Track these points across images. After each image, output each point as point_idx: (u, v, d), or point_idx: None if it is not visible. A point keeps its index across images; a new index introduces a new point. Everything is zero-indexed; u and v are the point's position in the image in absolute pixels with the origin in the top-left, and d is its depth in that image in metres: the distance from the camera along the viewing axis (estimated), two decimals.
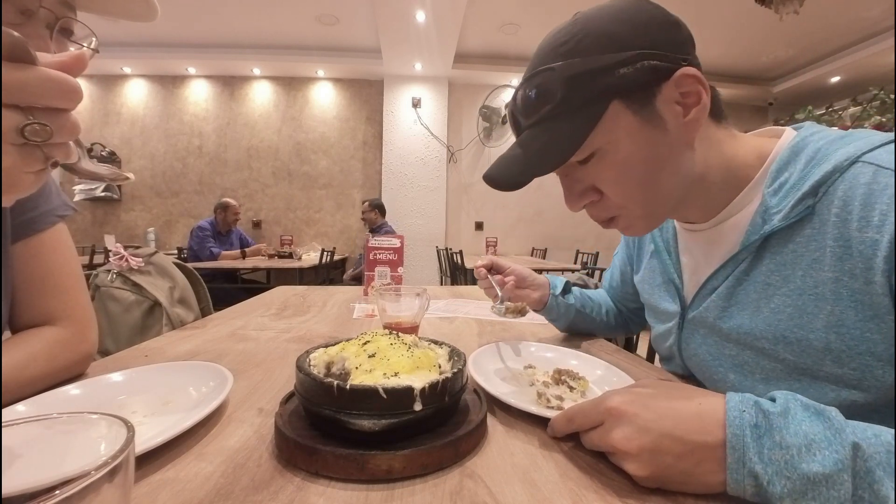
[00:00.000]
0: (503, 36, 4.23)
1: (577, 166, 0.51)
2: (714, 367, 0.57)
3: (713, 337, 0.56)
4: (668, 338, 0.65)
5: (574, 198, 0.54)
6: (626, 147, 0.48)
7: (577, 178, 0.52)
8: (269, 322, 0.97)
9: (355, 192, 5.08)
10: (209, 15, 3.91)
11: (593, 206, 0.54)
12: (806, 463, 0.30)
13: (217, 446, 0.41)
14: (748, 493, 0.32)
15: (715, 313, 0.55)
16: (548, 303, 0.81)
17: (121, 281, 1.11)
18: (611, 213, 0.53)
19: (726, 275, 0.54)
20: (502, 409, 0.50)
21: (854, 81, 4.51)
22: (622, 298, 0.88)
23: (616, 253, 0.89)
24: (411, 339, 0.48)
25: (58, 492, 0.16)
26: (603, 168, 0.49)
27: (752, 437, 0.32)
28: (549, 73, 0.47)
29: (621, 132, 0.47)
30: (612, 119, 0.47)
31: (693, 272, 0.61)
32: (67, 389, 0.49)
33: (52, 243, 0.61)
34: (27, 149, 0.28)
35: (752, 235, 0.50)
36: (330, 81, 5.03)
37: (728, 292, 0.53)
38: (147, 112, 4.91)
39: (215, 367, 0.55)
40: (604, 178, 0.50)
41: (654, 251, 0.70)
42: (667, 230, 0.67)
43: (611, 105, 0.46)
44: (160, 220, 4.95)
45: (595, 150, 0.48)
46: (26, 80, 0.26)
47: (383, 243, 1.23)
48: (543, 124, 0.49)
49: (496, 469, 0.38)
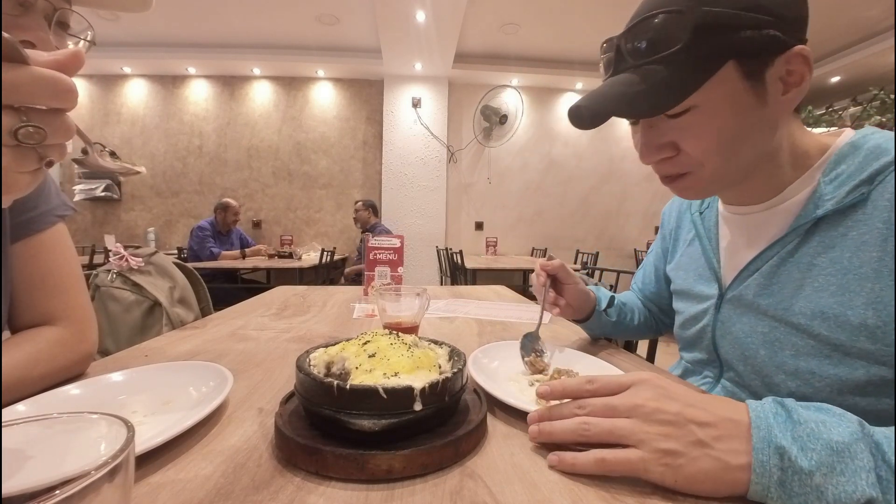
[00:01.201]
0: (503, 36, 4.23)
1: (665, 119, 0.51)
2: (746, 343, 0.58)
3: (749, 315, 0.57)
4: (702, 319, 0.65)
5: (651, 150, 0.53)
6: (725, 110, 0.48)
7: (661, 130, 0.52)
8: (269, 322, 0.97)
9: (355, 191, 5.07)
10: (209, 15, 3.91)
11: (667, 161, 0.54)
12: (827, 433, 0.31)
13: (217, 446, 0.41)
14: (774, 477, 0.31)
15: (754, 290, 0.56)
16: (591, 315, 0.79)
17: (121, 281, 1.11)
18: (682, 170, 0.53)
19: (771, 255, 0.55)
20: (502, 409, 0.50)
21: (854, 81, 4.50)
22: (655, 297, 0.88)
23: (650, 251, 0.90)
24: (411, 339, 0.48)
25: (58, 492, 0.16)
26: (693, 125, 0.49)
27: (774, 419, 0.33)
28: (678, 16, 0.46)
29: (725, 94, 0.47)
30: (722, 78, 0.46)
31: (732, 255, 0.62)
32: (67, 389, 0.49)
33: (52, 243, 0.61)
34: (21, 150, 0.28)
35: (802, 219, 0.52)
36: (330, 81, 5.03)
37: (771, 271, 0.55)
38: (147, 112, 4.91)
39: (215, 367, 0.55)
40: (689, 136, 0.50)
41: (692, 239, 0.71)
42: (709, 218, 0.68)
43: (727, 64, 0.46)
44: (160, 219, 4.95)
45: (692, 107, 0.48)
46: (18, 80, 0.26)
47: (383, 243, 1.23)
48: (655, 66, 0.47)
49: (496, 469, 0.38)
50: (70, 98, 0.28)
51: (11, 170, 0.28)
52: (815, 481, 0.30)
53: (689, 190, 0.55)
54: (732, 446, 0.33)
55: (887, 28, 3.73)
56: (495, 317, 1.06)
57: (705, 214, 0.69)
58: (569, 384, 0.43)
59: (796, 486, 0.30)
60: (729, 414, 0.35)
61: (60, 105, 0.28)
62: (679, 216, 0.79)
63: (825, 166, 0.52)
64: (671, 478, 0.34)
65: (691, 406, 0.36)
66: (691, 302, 0.69)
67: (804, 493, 0.30)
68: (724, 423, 0.34)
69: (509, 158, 5.09)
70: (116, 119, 4.87)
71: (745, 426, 0.34)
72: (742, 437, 0.33)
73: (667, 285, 0.81)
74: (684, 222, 0.77)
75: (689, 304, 0.70)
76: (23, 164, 0.28)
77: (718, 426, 0.34)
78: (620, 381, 0.40)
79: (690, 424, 0.35)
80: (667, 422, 0.35)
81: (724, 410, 0.36)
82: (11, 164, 0.28)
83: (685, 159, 0.52)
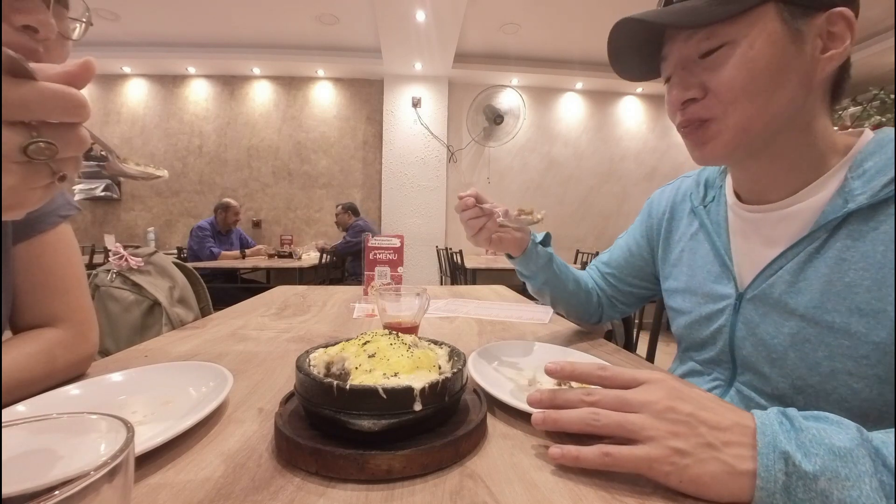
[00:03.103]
0: (503, 36, 4.22)
1: (698, 62, 0.52)
2: (772, 346, 0.56)
3: (774, 315, 0.56)
4: (717, 319, 0.63)
5: (680, 90, 0.54)
6: (760, 48, 0.48)
7: (693, 72, 0.53)
8: (269, 322, 0.97)
9: (355, 191, 5.08)
10: (209, 15, 3.91)
11: (694, 103, 0.54)
12: (829, 438, 0.31)
13: (217, 446, 0.41)
14: (779, 482, 0.31)
15: (781, 289, 0.55)
16: (527, 248, 0.79)
17: (120, 281, 1.11)
18: (708, 114, 0.53)
19: (796, 253, 0.54)
20: (502, 409, 0.50)
21: (854, 81, 4.46)
22: (617, 280, 0.86)
23: (625, 234, 0.88)
24: (411, 339, 0.48)
25: (58, 492, 0.16)
26: (725, 61, 0.50)
27: (779, 426, 0.33)
28: None
29: (763, 32, 0.48)
30: (761, 16, 0.48)
31: (747, 254, 0.61)
32: (67, 390, 0.49)
33: (55, 244, 0.61)
34: (33, 166, 0.27)
35: (830, 214, 0.51)
36: (330, 81, 5.03)
37: (797, 268, 0.54)
38: (147, 111, 4.91)
39: (215, 367, 0.55)
40: (720, 74, 0.50)
41: (696, 232, 0.69)
42: (717, 212, 0.66)
43: (767, 3, 0.48)
44: (160, 219, 4.95)
45: (726, 42, 0.50)
46: (26, 97, 0.25)
47: (383, 243, 1.23)
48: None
49: (496, 469, 0.38)
50: (81, 113, 0.27)
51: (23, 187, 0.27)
52: (819, 486, 0.30)
53: (710, 142, 0.54)
54: (740, 452, 0.33)
55: (887, 28, 3.73)
56: (495, 316, 1.06)
57: (710, 208, 0.67)
58: (580, 366, 0.42)
59: (801, 492, 0.30)
60: (738, 419, 0.35)
61: (73, 119, 0.27)
62: (673, 207, 0.76)
63: (851, 163, 0.52)
64: (676, 478, 0.34)
65: (704, 409, 0.36)
66: (700, 301, 0.66)
67: (809, 498, 0.30)
68: (735, 428, 0.34)
69: (509, 158, 5.09)
70: (116, 119, 4.87)
71: (751, 431, 0.34)
72: (748, 443, 0.33)
73: (637, 271, 0.80)
74: (681, 214, 0.75)
75: (698, 303, 0.67)
76: (34, 181, 0.28)
77: (729, 430, 0.34)
78: (634, 376, 0.40)
79: (702, 426, 0.35)
80: (679, 421, 0.35)
81: (735, 416, 0.36)
82: (22, 180, 0.27)
83: (711, 104, 0.52)
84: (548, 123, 5.14)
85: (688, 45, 0.53)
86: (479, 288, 1.61)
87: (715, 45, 0.50)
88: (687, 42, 0.53)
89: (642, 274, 0.84)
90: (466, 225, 0.75)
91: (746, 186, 0.62)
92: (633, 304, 0.89)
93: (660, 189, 0.83)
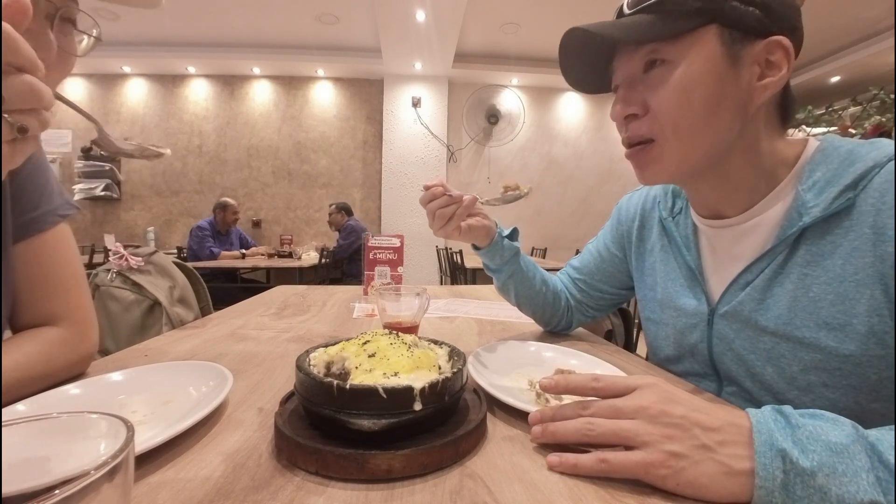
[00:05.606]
0: (503, 36, 4.23)
1: (641, 76, 0.53)
2: (751, 361, 0.56)
3: (747, 331, 0.56)
4: (692, 333, 0.64)
5: (622, 105, 0.55)
6: (698, 68, 0.49)
7: (636, 90, 0.54)
8: (269, 321, 0.97)
9: (355, 191, 5.08)
10: (209, 14, 3.91)
11: (635, 120, 0.54)
12: (825, 435, 0.32)
13: (217, 446, 0.41)
14: (777, 480, 0.31)
15: (750, 306, 0.55)
16: (494, 239, 0.76)
17: (120, 280, 1.11)
18: (650, 133, 0.54)
19: (761, 268, 0.54)
20: (502, 408, 0.50)
21: (854, 81, 4.51)
22: (587, 285, 0.85)
23: (595, 239, 0.87)
24: (411, 339, 0.48)
25: (58, 492, 0.16)
26: (664, 81, 0.51)
27: (774, 423, 0.33)
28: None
29: (702, 53, 0.49)
30: (703, 37, 0.49)
31: (716, 268, 0.61)
32: (67, 389, 0.49)
33: (54, 243, 0.61)
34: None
35: (788, 229, 0.51)
36: (330, 81, 5.03)
37: (764, 285, 0.54)
38: (147, 111, 4.91)
39: (215, 366, 0.55)
40: (660, 91, 0.51)
41: (665, 245, 0.69)
42: (685, 225, 0.66)
43: (708, 26, 0.49)
44: (160, 219, 4.95)
45: (668, 60, 0.50)
46: None
47: (383, 243, 1.23)
48: (646, 15, 0.51)
49: (496, 469, 0.38)
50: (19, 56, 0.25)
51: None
52: (817, 482, 0.30)
53: (653, 164, 0.55)
54: (736, 451, 0.33)
55: (887, 28, 3.73)
56: (495, 316, 1.06)
57: (679, 220, 0.67)
58: (573, 379, 0.43)
59: (799, 489, 0.30)
60: (732, 419, 0.35)
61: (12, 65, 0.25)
62: (643, 215, 0.76)
63: (801, 175, 0.52)
64: (673, 482, 0.33)
65: (696, 410, 0.36)
66: (675, 314, 0.67)
67: (808, 495, 0.30)
68: (729, 428, 0.34)
69: (509, 158, 5.09)
70: (116, 118, 4.87)
71: (746, 431, 0.34)
72: (744, 443, 0.33)
73: (608, 277, 0.80)
74: (651, 223, 0.74)
75: (674, 316, 0.67)
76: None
77: (723, 430, 0.34)
78: (626, 384, 0.40)
79: (695, 428, 0.35)
80: (672, 424, 0.35)
81: (728, 415, 0.36)
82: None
83: (651, 122, 0.53)
84: (547, 123, 5.15)
85: (632, 60, 0.54)
86: (479, 288, 1.61)
87: (657, 63, 0.51)
88: (632, 57, 0.54)
89: (612, 280, 0.83)
90: (436, 215, 0.70)
91: (700, 203, 0.62)
92: (603, 310, 0.89)
93: (628, 195, 0.82)
